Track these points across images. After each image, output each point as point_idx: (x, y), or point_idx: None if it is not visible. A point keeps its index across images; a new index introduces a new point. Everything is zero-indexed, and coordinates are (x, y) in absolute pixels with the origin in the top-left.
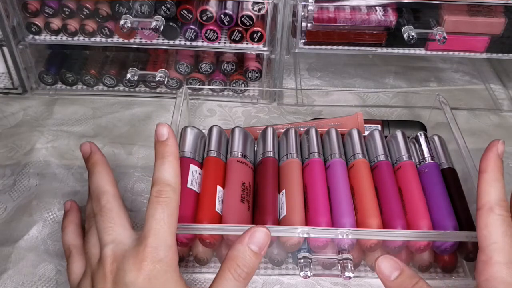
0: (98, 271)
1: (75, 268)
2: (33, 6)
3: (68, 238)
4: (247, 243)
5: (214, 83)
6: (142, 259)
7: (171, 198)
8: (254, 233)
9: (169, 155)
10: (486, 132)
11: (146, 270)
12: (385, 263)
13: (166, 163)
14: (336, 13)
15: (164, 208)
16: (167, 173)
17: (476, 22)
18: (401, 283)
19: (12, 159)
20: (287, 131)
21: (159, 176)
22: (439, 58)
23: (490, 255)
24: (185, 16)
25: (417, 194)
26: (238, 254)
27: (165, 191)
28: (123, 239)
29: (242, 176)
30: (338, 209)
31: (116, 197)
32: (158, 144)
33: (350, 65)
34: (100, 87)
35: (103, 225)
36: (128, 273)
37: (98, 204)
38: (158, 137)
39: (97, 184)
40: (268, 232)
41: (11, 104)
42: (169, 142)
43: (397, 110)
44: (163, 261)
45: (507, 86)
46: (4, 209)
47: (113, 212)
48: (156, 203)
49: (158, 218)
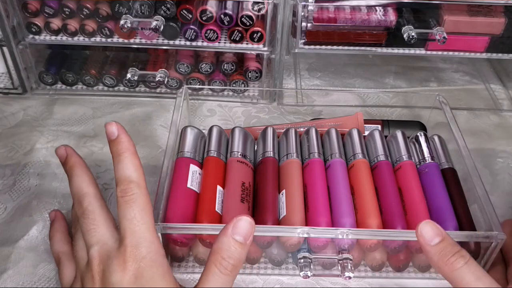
0: (87, 273)
1: (66, 273)
2: (33, 6)
3: (56, 246)
4: (231, 234)
5: (214, 83)
6: (125, 260)
7: (137, 193)
8: (237, 223)
9: (124, 151)
10: (486, 132)
11: (131, 269)
12: (428, 227)
13: (123, 160)
14: (336, 13)
15: (132, 206)
16: (126, 170)
17: (476, 22)
18: (441, 249)
19: (12, 159)
20: (287, 131)
21: (119, 175)
22: (439, 58)
23: None
24: (185, 16)
25: (417, 194)
26: (223, 246)
27: (129, 189)
28: (107, 240)
29: (242, 176)
30: (338, 209)
31: (97, 198)
32: (111, 144)
33: (350, 65)
34: (100, 87)
35: (86, 227)
36: (113, 274)
37: (80, 207)
38: (109, 137)
39: (77, 187)
40: (252, 221)
41: (11, 104)
42: (121, 138)
43: (397, 110)
44: (147, 258)
45: (507, 86)
46: (4, 209)
47: (95, 213)
48: (124, 203)
49: (130, 217)
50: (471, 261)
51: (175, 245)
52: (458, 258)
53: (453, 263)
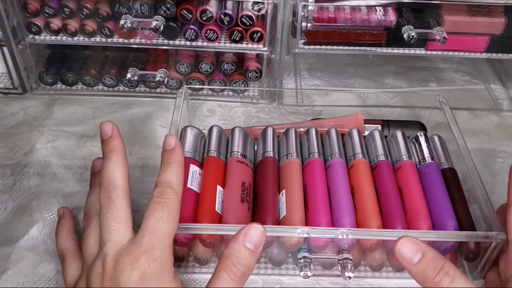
0: (94, 270)
1: (70, 271)
2: (33, 6)
3: (62, 242)
4: (242, 241)
5: (214, 83)
6: (137, 258)
7: (172, 199)
8: (249, 231)
9: (174, 161)
10: (486, 132)
11: (141, 269)
12: (405, 246)
13: (171, 168)
14: (336, 13)
15: (164, 208)
16: (170, 176)
17: (476, 22)
18: (424, 268)
19: (12, 159)
20: (287, 131)
21: (162, 179)
22: (439, 58)
23: None
24: (185, 16)
25: (417, 194)
26: (233, 252)
27: (166, 192)
28: (123, 239)
29: (242, 176)
30: (338, 209)
31: (127, 194)
32: (164, 153)
33: (350, 65)
34: (100, 87)
35: (107, 222)
36: (123, 273)
37: (107, 197)
38: (165, 146)
39: (110, 175)
40: (263, 229)
41: (11, 104)
42: (175, 151)
43: (397, 110)
44: (158, 261)
45: (507, 86)
46: (4, 209)
47: (120, 210)
48: (157, 203)
49: (157, 216)
50: (457, 278)
51: (175, 245)
52: (443, 278)
53: (438, 283)
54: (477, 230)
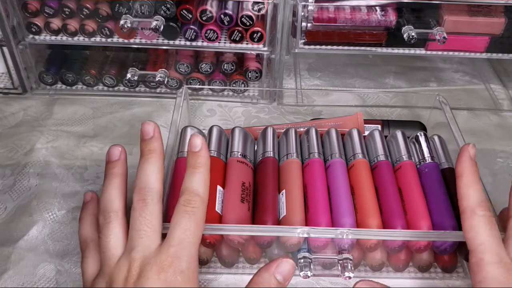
0: (119, 273)
1: (91, 264)
2: (33, 6)
3: (86, 230)
4: (273, 272)
5: (214, 83)
6: (165, 269)
7: (199, 208)
8: (281, 263)
9: (201, 166)
10: (486, 132)
11: (168, 280)
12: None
13: (198, 174)
14: (336, 13)
15: (191, 218)
16: (197, 183)
17: (476, 22)
18: None
19: (12, 159)
20: (287, 131)
21: (189, 186)
22: (439, 58)
23: (480, 256)
24: (185, 16)
25: (417, 194)
26: (264, 281)
27: (193, 201)
28: (151, 245)
29: (242, 176)
30: (338, 209)
31: (161, 199)
32: (190, 155)
33: (350, 65)
34: (100, 87)
35: (139, 226)
36: (150, 280)
37: (142, 200)
38: (191, 148)
39: (147, 177)
40: (294, 264)
41: (11, 104)
42: (202, 153)
43: (397, 110)
44: (185, 273)
45: (507, 86)
46: (4, 209)
47: (153, 215)
48: (184, 212)
49: (184, 227)
50: None
51: None
52: None
53: None
54: None
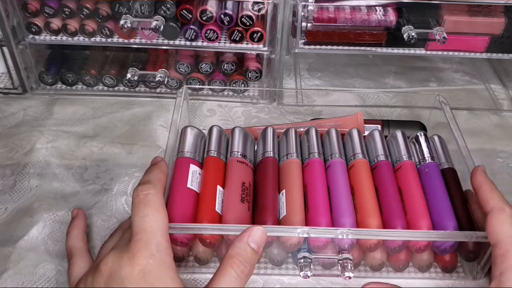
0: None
1: (76, 269)
2: (33, 6)
3: (72, 241)
4: (247, 241)
5: (214, 83)
6: (134, 255)
7: (151, 193)
8: (253, 232)
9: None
10: (486, 132)
11: (140, 264)
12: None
13: (149, 171)
14: (336, 13)
15: (146, 205)
16: (147, 177)
17: (476, 22)
18: None
19: (12, 159)
20: (287, 131)
21: (141, 180)
22: (439, 58)
23: (507, 247)
24: (185, 16)
25: (417, 194)
26: (240, 251)
27: (144, 188)
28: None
29: (242, 176)
30: (338, 209)
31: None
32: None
33: (350, 65)
34: (100, 87)
35: None
36: (123, 267)
37: None
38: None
39: None
40: (265, 231)
41: (11, 104)
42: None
43: (397, 110)
44: (156, 256)
45: (507, 86)
46: (5, 209)
47: None
48: (138, 202)
49: (142, 214)
50: None
51: (175, 245)
52: None
53: None
54: (477, 230)
